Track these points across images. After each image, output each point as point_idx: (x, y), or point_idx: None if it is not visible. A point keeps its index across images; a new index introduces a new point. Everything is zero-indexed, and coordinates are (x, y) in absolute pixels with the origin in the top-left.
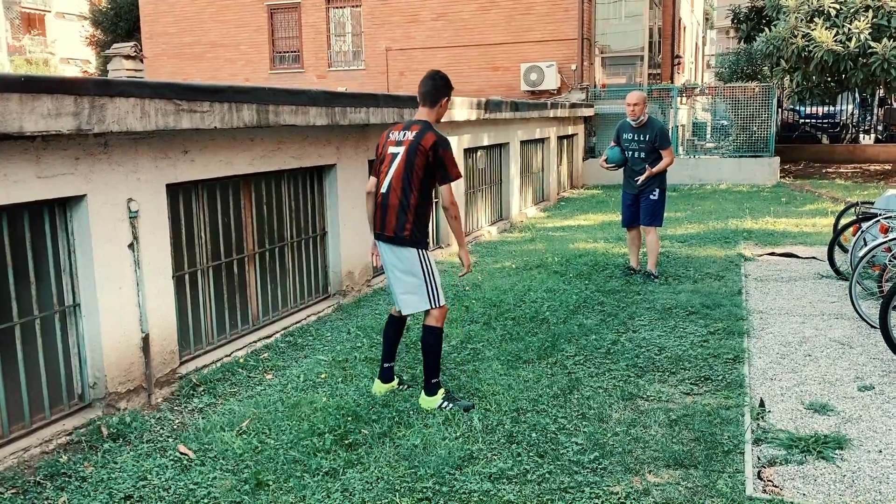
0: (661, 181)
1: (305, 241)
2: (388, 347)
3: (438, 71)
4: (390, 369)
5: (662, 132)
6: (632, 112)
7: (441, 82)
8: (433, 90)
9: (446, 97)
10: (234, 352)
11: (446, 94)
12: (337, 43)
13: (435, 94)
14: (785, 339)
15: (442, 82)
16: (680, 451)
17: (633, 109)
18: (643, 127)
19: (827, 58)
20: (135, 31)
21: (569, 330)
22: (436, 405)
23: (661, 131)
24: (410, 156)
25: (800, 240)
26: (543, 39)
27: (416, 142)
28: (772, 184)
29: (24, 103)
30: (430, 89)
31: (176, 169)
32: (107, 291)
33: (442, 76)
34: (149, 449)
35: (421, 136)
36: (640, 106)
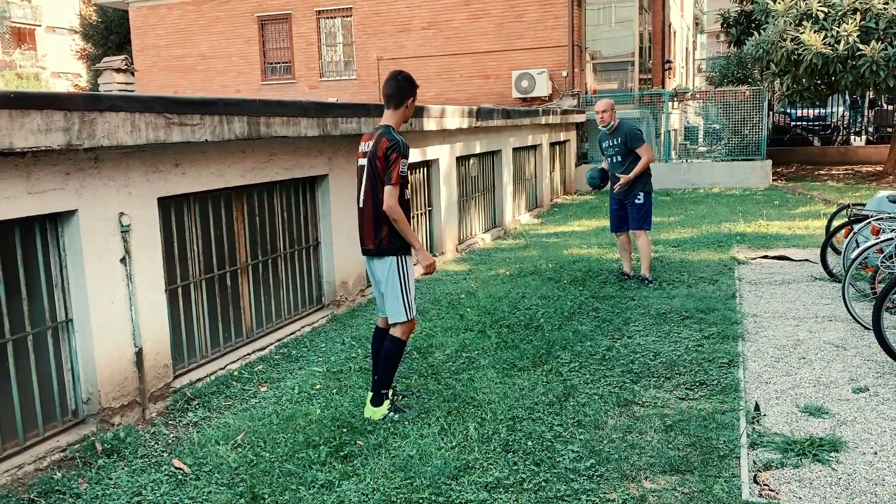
0: (645, 184)
1: (298, 251)
2: (377, 359)
3: (401, 71)
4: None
5: (631, 132)
6: (601, 119)
7: (404, 82)
8: (397, 91)
9: (411, 97)
10: (228, 364)
11: (411, 93)
12: (328, 53)
13: (399, 95)
14: (779, 343)
15: (405, 82)
16: (676, 457)
17: (601, 117)
18: (615, 132)
19: (816, 60)
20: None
21: (563, 336)
22: (379, 416)
23: (630, 131)
24: (371, 165)
25: (793, 242)
26: (534, 47)
27: (373, 150)
28: (764, 187)
29: (13, 119)
30: (394, 91)
31: (167, 182)
32: (99, 306)
33: (405, 76)
34: (143, 464)
35: (377, 143)
36: (608, 113)
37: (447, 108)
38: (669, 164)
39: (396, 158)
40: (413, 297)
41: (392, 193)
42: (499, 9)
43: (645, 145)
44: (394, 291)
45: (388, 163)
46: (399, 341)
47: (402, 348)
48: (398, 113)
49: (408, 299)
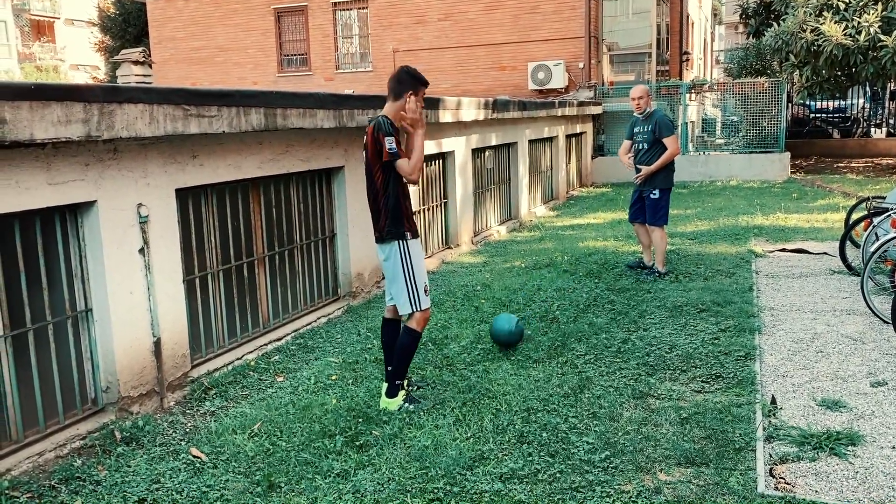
0: (665, 179)
1: (315, 243)
2: (388, 351)
3: (407, 67)
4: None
5: (663, 121)
6: (637, 106)
7: (405, 76)
8: (396, 84)
9: (410, 90)
10: (245, 355)
11: (409, 87)
12: (344, 45)
13: (398, 87)
14: (796, 336)
15: (406, 76)
16: (691, 449)
17: (638, 104)
18: (648, 118)
19: (836, 52)
20: (143, 36)
21: (579, 329)
22: (395, 407)
23: (662, 120)
24: (365, 154)
25: (811, 235)
26: (550, 38)
27: (365, 141)
28: (782, 179)
29: (34, 111)
30: (394, 84)
31: (185, 173)
32: (118, 296)
33: (407, 71)
34: (161, 452)
35: (369, 133)
36: (644, 99)
37: (463, 99)
38: (687, 157)
39: (382, 138)
40: (422, 287)
41: (402, 166)
42: (514, 0)
43: (673, 136)
44: (398, 280)
45: (378, 146)
46: (413, 333)
47: (417, 340)
48: (396, 104)
49: (414, 289)
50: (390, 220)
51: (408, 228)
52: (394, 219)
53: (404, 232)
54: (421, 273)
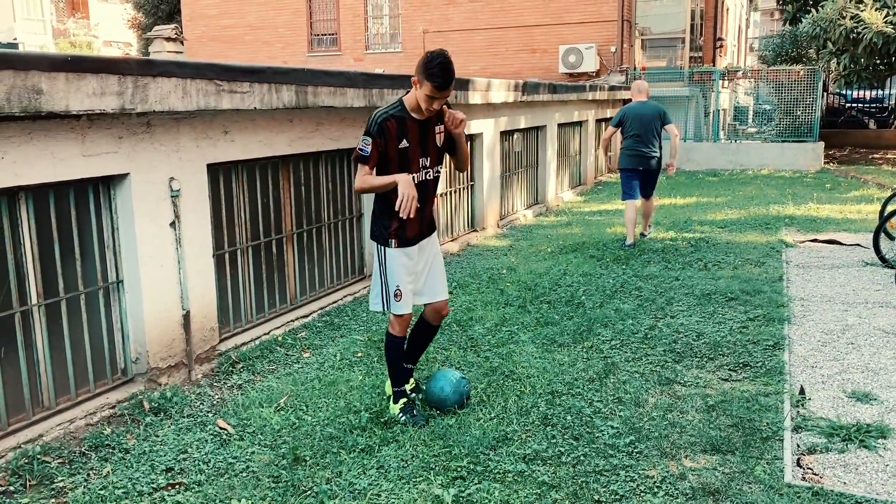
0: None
1: (342, 222)
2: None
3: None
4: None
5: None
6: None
7: (420, 61)
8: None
9: (416, 76)
10: (273, 330)
11: (420, 75)
12: (374, 25)
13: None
14: (827, 327)
15: (420, 61)
16: (717, 437)
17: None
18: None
19: (876, 40)
20: (175, 13)
21: (605, 314)
22: (394, 413)
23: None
24: None
25: (844, 226)
26: (583, 21)
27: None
28: (815, 169)
29: (70, 83)
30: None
31: (216, 149)
32: (149, 269)
33: (424, 55)
34: (189, 423)
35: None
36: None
37: (493, 81)
38: (718, 145)
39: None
40: (393, 289)
41: (357, 174)
42: None
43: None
44: (373, 278)
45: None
46: (387, 334)
47: (392, 344)
48: (411, 92)
49: (384, 291)
50: (375, 221)
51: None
52: (381, 220)
53: (385, 236)
54: (392, 279)
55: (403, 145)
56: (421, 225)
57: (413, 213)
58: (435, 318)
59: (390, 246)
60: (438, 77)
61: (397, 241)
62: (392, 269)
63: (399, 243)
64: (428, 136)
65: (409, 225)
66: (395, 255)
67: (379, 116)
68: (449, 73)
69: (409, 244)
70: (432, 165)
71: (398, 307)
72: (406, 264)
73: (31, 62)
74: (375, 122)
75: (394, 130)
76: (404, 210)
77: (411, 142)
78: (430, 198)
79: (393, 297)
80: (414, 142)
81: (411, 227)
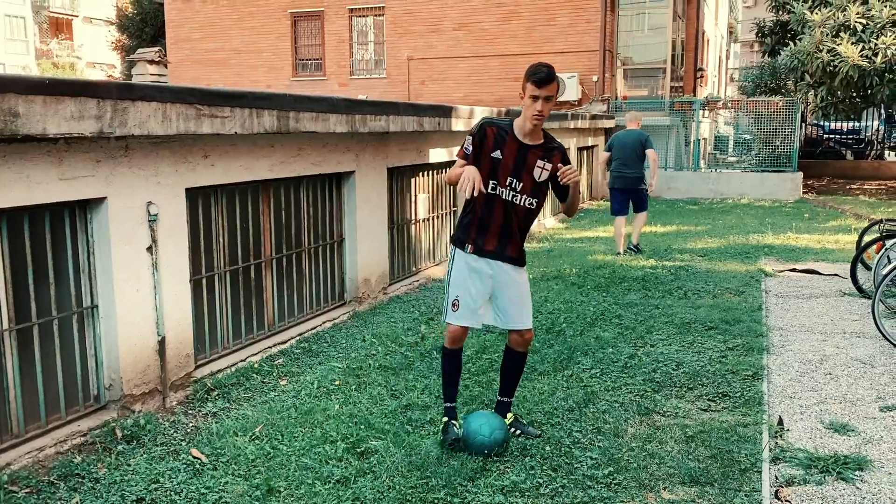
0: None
1: (322, 247)
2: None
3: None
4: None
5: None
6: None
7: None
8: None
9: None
10: (249, 357)
11: (523, 80)
12: (359, 51)
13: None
14: (805, 357)
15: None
16: (696, 468)
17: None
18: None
19: (852, 73)
20: (160, 36)
21: (585, 342)
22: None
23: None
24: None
25: (822, 256)
26: (565, 51)
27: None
28: (794, 199)
29: (47, 105)
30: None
31: (196, 173)
32: (124, 293)
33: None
34: (162, 452)
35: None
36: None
37: (475, 108)
38: (698, 173)
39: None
40: (450, 301)
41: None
42: (530, 11)
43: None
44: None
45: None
46: (442, 346)
47: (443, 355)
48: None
49: (447, 299)
50: (459, 223)
51: (456, 237)
52: (462, 224)
53: (461, 239)
54: (455, 287)
55: (496, 155)
56: (501, 243)
57: (476, 191)
58: (521, 345)
59: (465, 250)
60: (535, 73)
61: (473, 247)
62: (457, 275)
63: (475, 250)
64: (525, 160)
65: (489, 238)
66: (463, 259)
67: (484, 121)
68: (545, 69)
69: (484, 255)
70: (523, 192)
71: (452, 316)
72: (471, 275)
73: (7, 84)
74: (479, 124)
75: (492, 137)
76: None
77: (505, 156)
78: (520, 224)
79: (450, 306)
80: (508, 157)
81: (490, 240)
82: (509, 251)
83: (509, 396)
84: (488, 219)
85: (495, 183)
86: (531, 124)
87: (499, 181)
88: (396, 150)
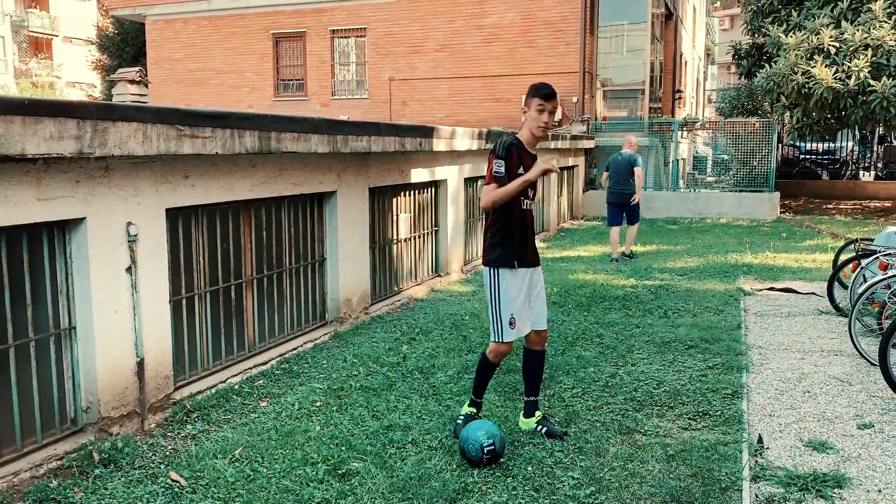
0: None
1: (304, 267)
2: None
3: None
4: (528, 403)
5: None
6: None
7: (527, 93)
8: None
9: (525, 104)
10: (230, 378)
11: (527, 96)
12: (341, 72)
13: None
14: (784, 375)
15: (527, 92)
16: (677, 487)
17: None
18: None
19: (827, 95)
20: (140, 56)
21: (567, 362)
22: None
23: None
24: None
25: (799, 275)
26: (545, 72)
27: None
28: (772, 219)
29: (27, 126)
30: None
31: (176, 193)
32: (103, 315)
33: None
34: (140, 475)
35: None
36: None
37: (457, 129)
38: (677, 193)
39: (490, 159)
40: (507, 319)
41: (485, 192)
42: (511, 34)
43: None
44: (488, 306)
45: (489, 166)
46: (484, 358)
47: (485, 364)
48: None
49: (498, 319)
50: (491, 244)
51: (500, 257)
52: (498, 243)
53: (501, 259)
54: (507, 304)
55: (521, 171)
56: (531, 250)
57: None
58: (540, 344)
59: (513, 267)
60: (543, 89)
61: (520, 261)
62: (507, 296)
63: (520, 264)
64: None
65: (525, 249)
66: (509, 277)
67: (506, 142)
68: (550, 86)
69: (524, 266)
70: (533, 198)
71: (511, 334)
72: (520, 291)
73: None
74: (504, 146)
75: (516, 156)
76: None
77: (525, 170)
78: (533, 226)
79: (507, 324)
80: (527, 171)
81: (525, 251)
82: (536, 256)
83: (535, 395)
84: (522, 232)
85: (523, 198)
86: (538, 134)
87: (525, 194)
88: (378, 170)
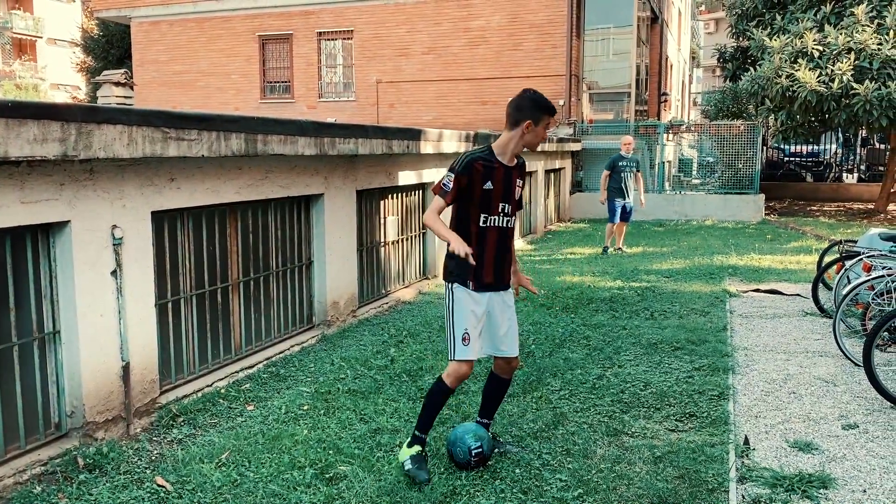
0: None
1: (291, 270)
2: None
3: (532, 91)
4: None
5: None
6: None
7: (526, 101)
8: (514, 111)
9: (529, 120)
10: (216, 382)
11: (530, 116)
12: (328, 74)
13: (516, 115)
14: (769, 377)
15: (527, 101)
16: (664, 489)
17: (631, 147)
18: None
19: (810, 98)
20: (126, 58)
21: (554, 364)
22: (402, 458)
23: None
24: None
25: (784, 277)
26: (532, 75)
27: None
28: (757, 221)
29: (10, 128)
30: (512, 110)
31: (162, 196)
32: (88, 319)
33: (528, 95)
34: (125, 481)
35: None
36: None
37: (444, 132)
38: (663, 196)
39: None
40: (460, 335)
41: (431, 205)
42: (498, 37)
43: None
44: (445, 322)
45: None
46: (439, 382)
47: (439, 390)
48: (510, 134)
49: (451, 334)
50: (449, 258)
51: (452, 272)
52: (447, 256)
53: (458, 275)
54: (462, 321)
55: (488, 186)
56: (496, 272)
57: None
58: (507, 372)
59: (467, 287)
60: (552, 107)
61: (475, 283)
62: (461, 312)
63: (476, 286)
64: (511, 183)
65: (486, 270)
66: (464, 293)
67: (468, 157)
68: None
69: (485, 289)
70: (511, 214)
71: (463, 352)
72: (475, 309)
73: None
74: (463, 161)
75: (480, 171)
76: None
77: (495, 185)
78: (508, 246)
79: (460, 340)
80: (498, 185)
81: (488, 271)
82: (504, 278)
83: (489, 419)
84: (483, 252)
85: (486, 216)
86: (536, 148)
87: (490, 211)
88: (365, 172)
